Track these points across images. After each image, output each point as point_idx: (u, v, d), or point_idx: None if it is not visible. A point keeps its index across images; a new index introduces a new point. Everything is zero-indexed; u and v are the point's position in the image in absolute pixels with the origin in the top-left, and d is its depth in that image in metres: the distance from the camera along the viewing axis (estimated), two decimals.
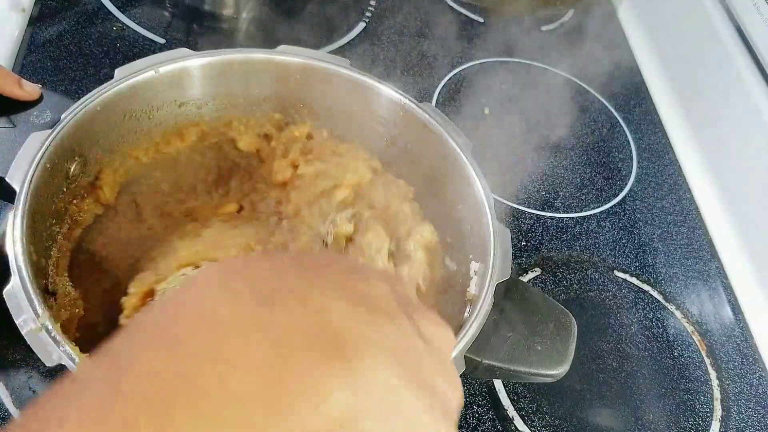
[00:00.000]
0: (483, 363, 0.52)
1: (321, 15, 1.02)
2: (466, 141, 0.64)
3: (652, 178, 0.97)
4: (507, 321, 0.55)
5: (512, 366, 0.53)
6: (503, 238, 0.58)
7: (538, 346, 0.54)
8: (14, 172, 0.50)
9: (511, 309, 0.55)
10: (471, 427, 0.67)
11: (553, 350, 0.54)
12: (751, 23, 0.91)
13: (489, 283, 0.54)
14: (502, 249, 0.57)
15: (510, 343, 0.54)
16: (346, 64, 0.67)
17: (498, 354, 0.53)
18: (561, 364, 0.54)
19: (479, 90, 1.01)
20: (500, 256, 0.56)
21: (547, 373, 0.54)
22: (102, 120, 0.58)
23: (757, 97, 0.89)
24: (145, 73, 0.60)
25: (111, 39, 0.90)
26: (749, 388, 0.77)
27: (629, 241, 0.88)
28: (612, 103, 1.06)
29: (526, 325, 0.55)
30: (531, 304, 0.57)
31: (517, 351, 0.53)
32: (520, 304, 0.56)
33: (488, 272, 0.55)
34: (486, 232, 0.58)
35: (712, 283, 0.87)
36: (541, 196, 0.90)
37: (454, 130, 0.64)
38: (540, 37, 1.13)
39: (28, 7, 0.89)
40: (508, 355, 0.53)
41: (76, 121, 0.55)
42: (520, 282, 0.59)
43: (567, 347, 0.55)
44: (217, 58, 0.64)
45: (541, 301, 0.57)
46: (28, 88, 0.58)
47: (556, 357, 0.54)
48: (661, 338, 0.79)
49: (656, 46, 1.13)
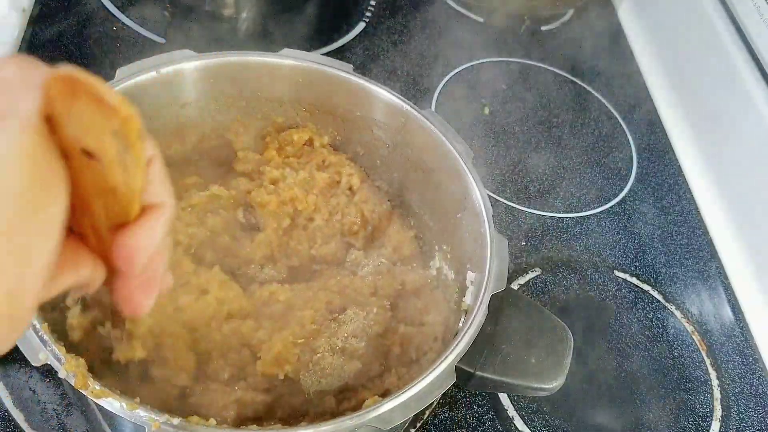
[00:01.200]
0: (476, 375, 0.51)
1: (321, 15, 1.02)
2: (467, 149, 0.63)
3: (652, 178, 0.97)
4: (501, 332, 0.53)
5: (506, 378, 0.52)
6: (500, 247, 0.57)
7: (532, 358, 0.53)
8: None
9: (506, 320, 0.54)
10: (471, 427, 0.67)
11: (548, 363, 0.53)
12: (751, 23, 0.91)
13: (484, 293, 0.53)
14: (499, 259, 0.56)
15: (504, 355, 0.52)
16: (349, 69, 0.66)
17: (492, 366, 0.51)
18: (556, 377, 0.53)
19: (479, 90, 1.01)
20: (496, 266, 0.55)
21: (542, 387, 0.52)
22: None
23: (757, 97, 0.89)
24: (146, 74, 0.59)
25: (111, 39, 0.90)
26: (749, 388, 0.78)
27: (629, 241, 0.88)
28: (612, 103, 1.06)
29: (521, 337, 0.53)
30: (526, 315, 0.55)
31: (512, 363, 0.52)
32: (515, 316, 0.55)
33: (483, 283, 0.54)
34: (483, 242, 0.57)
35: (712, 283, 0.87)
36: (541, 196, 0.90)
37: (455, 137, 0.63)
38: (540, 37, 1.13)
39: (28, 7, 0.89)
40: (501, 367, 0.52)
41: None
42: (515, 293, 0.58)
43: (562, 361, 0.53)
44: (219, 60, 0.64)
45: (536, 312, 0.56)
46: None
47: (552, 370, 0.53)
48: (661, 338, 0.79)
49: (656, 46, 1.13)
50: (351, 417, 0.45)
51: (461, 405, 0.69)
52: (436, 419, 0.67)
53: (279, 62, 0.66)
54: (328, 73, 0.66)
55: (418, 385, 0.47)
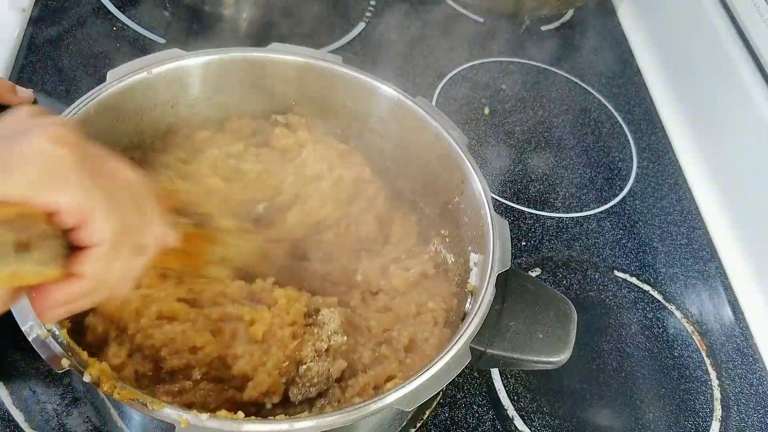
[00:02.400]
0: (487, 353, 0.53)
1: (321, 15, 1.02)
2: (461, 135, 0.64)
3: (652, 178, 0.97)
4: (508, 311, 0.55)
5: (515, 354, 0.54)
6: (502, 228, 0.58)
7: (539, 333, 0.55)
8: None
9: (511, 299, 0.56)
10: (471, 427, 0.67)
11: (555, 337, 0.55)
12: (751, 23, 0.91)
13: (490, 274, 0.55)
14: (501, 239, 0.57)
15: (512, 332, 0.54)
16: (338, 60, 0.67)
17: (501, 343, 0.53)
18: (563, 350, 0.55)
19: (479, 90, 1.01)
20: (500, 246, 0.57)
21: (550, 360, 0.54)
22: (96, 123, 0.58)
23: (757, 97, 0.89)
24: (137, 75, 0.59)
25: (111, 39, 0.90)
26: (749, 388, 0.77)
27: (629, 241, 0.88)
28: (612, 103, 1.05)
29: (527, 314, 0.55)
30: (531, 293, 0.57)
31: (520, 339, 0.54)
32: (520, 294, 0.56)
33: (488, 263, 0.56)
34: (484, 223, 0.58)
35: (712, 283, 0.87)
36: (541, 196, 0.90)
37: (449, 124, 0.64)
38: (540, 37, 1.12)
39: (28, 7, 0.89)
40: (510, 343, 0.54)
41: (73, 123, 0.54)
42: (519, 272, 0.59)
43: (568, 334, 0.55)
44: (207, 58, 0.64)
45: (540, 290, 0.58)
46: (22, 94, 0.58)
47: (558, 344, 0.55)
48: (661, 338, 0.79)
49: (656, 46, 1.13)
50: (375, 400, 0.46)
51: (461, 405, 0.69)
52: (436, 419, 0.67)
53: (268, 57, 0.66)
54: (317, 66, 0.66)
55: (435, 366, 0.48)
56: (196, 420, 0.43)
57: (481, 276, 0.56)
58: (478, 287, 0.56)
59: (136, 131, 0.63)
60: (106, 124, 0.59)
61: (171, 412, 0.43)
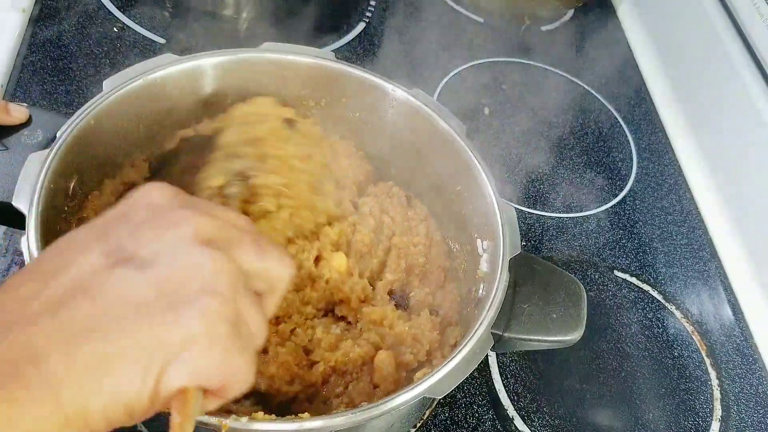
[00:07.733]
0: (504, 336, 0.54)
1: (321, 15, 1.02)
2: (459, 123, 0.64)
3: (652, 178, 0.97)
4: (521, 294, 0.56)
5: (531, 336, 0.55)
6: (509, 213, 0.59)
7: (553, 314, 0.56)
8: (20, 196, 0.49)
9: (523, 281, 0.57)
10: (471, 427, 0.67)
11: (568, 316, 0.56)
12: (751, 23, 0.91)
13: (502, 259, 0.55)
14: (510, 224, 0.58)
15: (527, 315, 0.55)
16: (331, 56, 0.66)
17: (518, 326, 0.55)
18: (576, 328, 0.56)
19: (479, 90, 1.01)
20: (509, 231, 0.57)
21: (565, 339, 0.56)
22: (96, 134, 0.57)
23: (757, 97, 0.89)
24: (134, 83, 0.59)
25: (111, 39, 0.91)
26: (749, 388, 0.78)
27: (629, 241, 0.88)
28: (612, 103, 1.06)
29: (539, 296, 0.57)
30: (541, 274, 0.58)
31: (535, 321, 0.55)
32: (531, 276, 0.58)
33: (499, 249, 0.56)
34: (490, 210, 0.59)
35: (712, 283, 0.87)
36: (542, 196, 0.90)
37: (447, 114, 0.64)
38: (540, 37, 1.13)
39: (28, 7, 0.89)
40: (526, 326, 0.55)
41: (73, 138, 0.54)
42: (527, 254, 0.60)
43: (580, 312, 0.57)
44: (199, 62, 0.63)
45: (550, 271, 0.59)
46: (16, 113, 0.57)
47: (571, 322, 0.56)
48: (661, 338, 0.79)
49: (656, 46, 1.13)
50: (406, 390, 0.47)
51: (461, 405, 0.69)
52: (436, 419, 0.67)
53: (261, 56, 0.65)
54: (311, 64, 0.66)
55: (459, 354, 0.49)
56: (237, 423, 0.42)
57: (492, 262, 0.57)
58: (489, 273, 0.57)
59: (136, 138, 0.62)
60: (107, 133, 0.58)
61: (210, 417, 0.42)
